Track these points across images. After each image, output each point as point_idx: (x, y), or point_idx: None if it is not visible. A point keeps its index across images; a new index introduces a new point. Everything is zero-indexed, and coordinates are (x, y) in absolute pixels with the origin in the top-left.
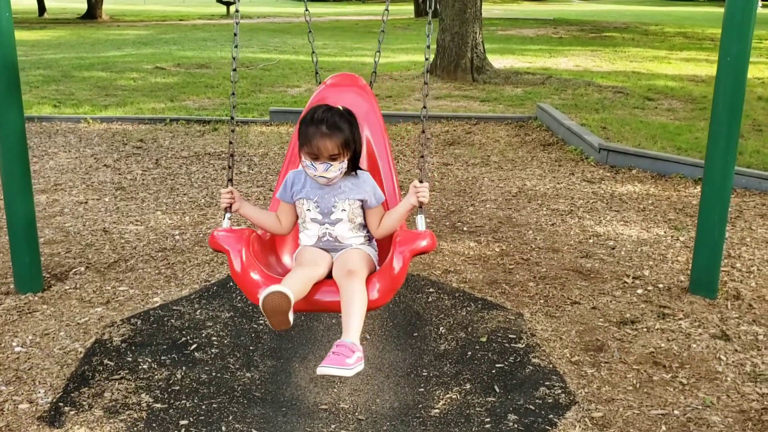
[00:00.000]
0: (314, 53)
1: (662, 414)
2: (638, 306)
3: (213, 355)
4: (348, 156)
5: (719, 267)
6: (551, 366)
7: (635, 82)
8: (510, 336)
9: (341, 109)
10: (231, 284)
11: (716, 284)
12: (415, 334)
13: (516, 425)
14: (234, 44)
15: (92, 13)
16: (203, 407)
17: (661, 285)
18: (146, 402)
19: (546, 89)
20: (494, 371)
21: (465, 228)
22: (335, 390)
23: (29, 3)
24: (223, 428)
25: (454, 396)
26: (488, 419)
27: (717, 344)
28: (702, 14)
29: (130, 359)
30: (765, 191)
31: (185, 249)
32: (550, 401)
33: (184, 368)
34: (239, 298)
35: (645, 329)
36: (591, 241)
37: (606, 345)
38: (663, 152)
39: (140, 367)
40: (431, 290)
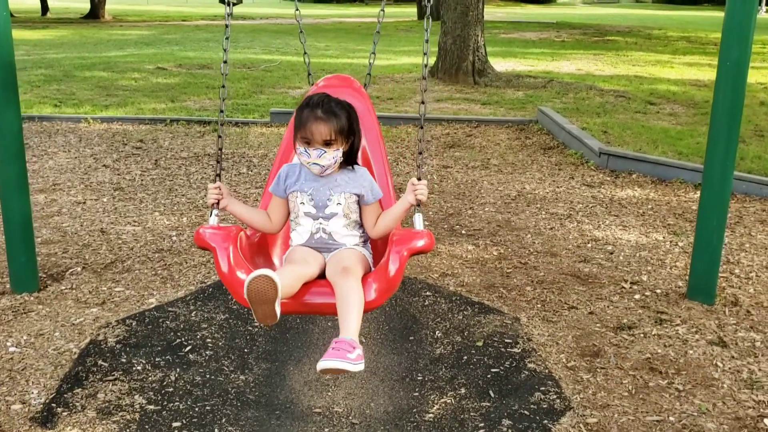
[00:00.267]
0: (306, 54)
1: (657, 420)
2: (635, 311)
3: (207, 357)
4: (343, 146)
5: (717, 273)
6: (547, 371)
7: (637, 87)
8: (506, 340)
9: (340, 99)
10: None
11: (714, 290)
12: (411, 338)
13: (510, 430)
14: (225, 36)
15: (95, 13)
16: (197, 409)
17: (659, 290)
18: (139, 403)
19: (547, 93)
20: (489, 376)
21: (463, 231)
22: (329, 394)
23: (32, 2)
24: (216, 431)
25: (449, 400)
26: (482, 424)
27: (714, 351)
28: (705, 19)
29: (125, 360)
30: (765, 197)
31: (182, 250)
32: (545, 407)
33: (179, 370)
34: (234, 300)
35: (642, 335)
36: (589, 246)
37: (602, 350)
38: (664, 157)
39: (134, 369)
40: (428, 293)
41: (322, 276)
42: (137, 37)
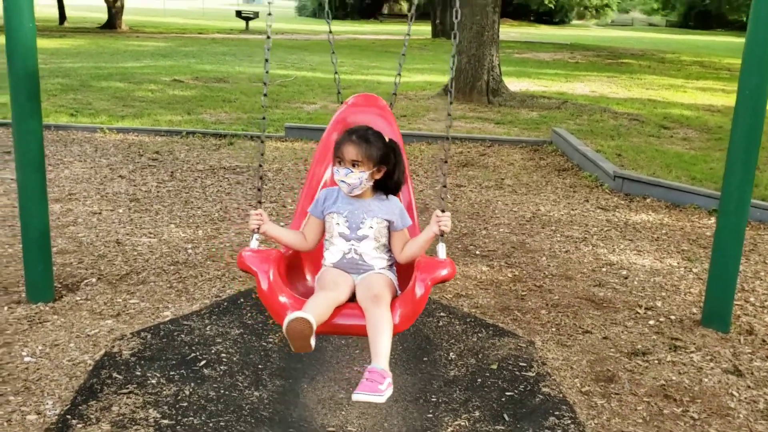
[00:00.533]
0: (336, 73)
1: None
2: (650, 337)
3: (222, 372)
4: (372, 171)
5: (732, 301)
6: (561, 395)
7: (651, 110)
8: (521, 364)
9: (380, 133)
10: (241, 300)
11: (729, 318)
12: (425, 359)
13: None
14: (265, 69)
15: (112, 24)
16: (211, 425)
17: (674, 317)
18: (154, 417)
19: (561, 114)
20: (504, 399)
21: (477, 252)
22: (343, 413)
23: (50, 11)
24: None
25: (463, 423)
26: None
27: (729, 379)
28: (719, 44)
29: (139, 373)
30: None
31: (197, 263)
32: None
33: (193, 384)
34: (249, 315)
35: (656, 361)
36: (604, 270)
37: (617, 376)
38: (678, 182)
39: (149, 382)
40: (442, 314)
41: (351, 297)
42: (154, 49)
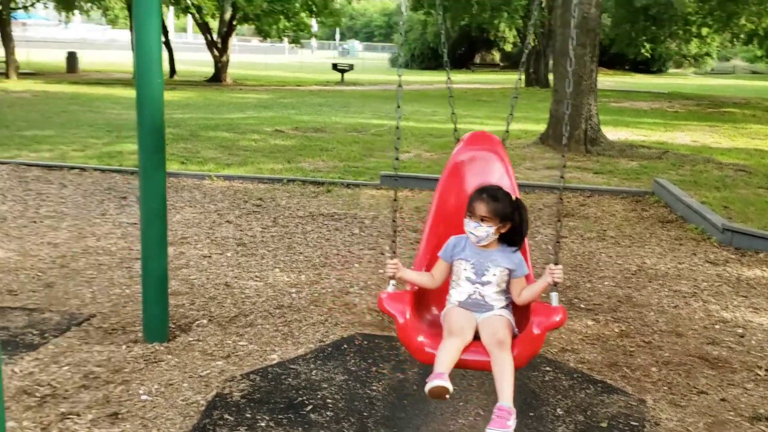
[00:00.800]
0: (453, 113)
1: None
2: None
3: (328, 418)
4: (497, 226)
5: None
6: None
7: (758, 161)
8: (632, 423)
9: (509, 194)
10: (345, 347)
11: None
12: (531, 414)
13: None
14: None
15: (218, 77)
16: None
17: None
18: None
19: (663, 164)
20: None
21: (582, 305)
22: None
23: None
24: None
25: None
26: None
27: None
28: None
29: (249, 416)
30: None
31: (301, 307)
32: None
33: (300, 429)
34: (353, 362)
35: None
36: (717, 327)
37: None
38: None
39: (258, 425)
40: (548, 369)
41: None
42: (256, 101)
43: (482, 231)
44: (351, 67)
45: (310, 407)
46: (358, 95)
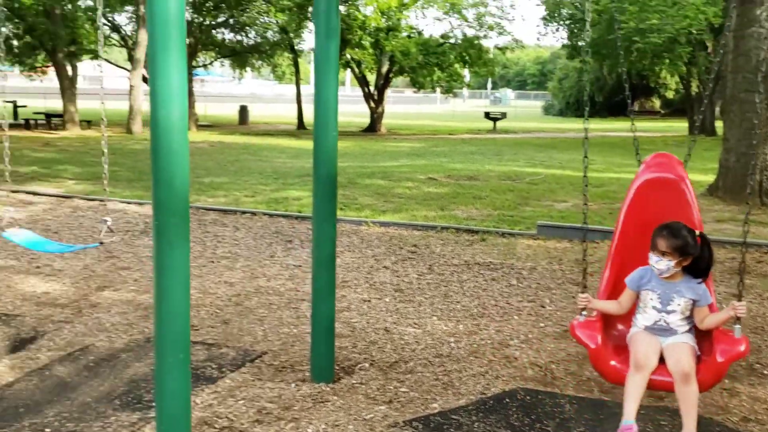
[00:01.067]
0: (635, 139)
1: None
2: None
3: None
4: (678, 260)
5: None
6: None
7: None
8: None
9: (692, 230)
10: (507, 401)
11: None
12: None
13: None
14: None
15: (373, 127)
16: None
17: None
18: None
19: None
20: None
21: (765, 371)
22: None
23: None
24: None
25: None
26: None
27: None
28: None
29: None
30: None
31: (461, 358)
32: None
33: None
34: (515, 417)
35: None
36: None
37: None
38: None
39: None
40: None
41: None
42: (409, 149)
43: (663, 265)
44: (503, 116)
45: None
46: (511, 143)
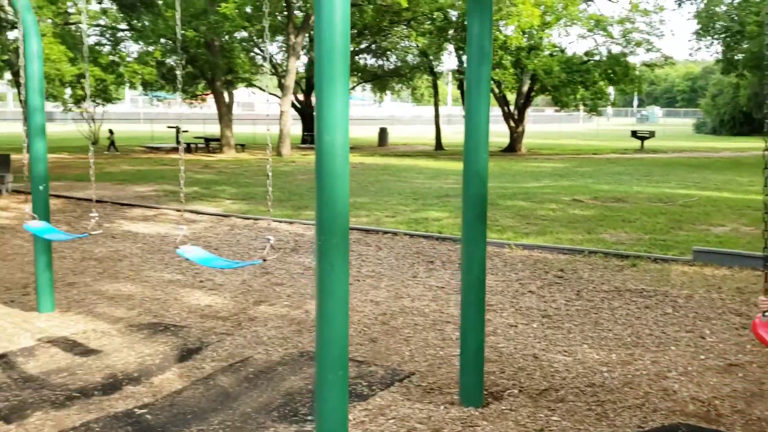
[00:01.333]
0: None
1: None
2: None
3: None
4: None
5: None
6: None
7: None
8: None
9: None
10: None
11: None
12: None
13: None
14: None
15: (513, 147)
16: None
17: None
18: None
19: None
20: None
21: None
22: None
23: (457, 138)
24: None
25: None
26: None
27: None
28: None
29: None
30: None
31: (614, 388)
32: None
33: None
34: None
35: None
36: None
37: None
38: None
39: None
40: None
41: None
42: (551, 170)
43: None
44: (652, 134)
45: None
46: (661, 163)
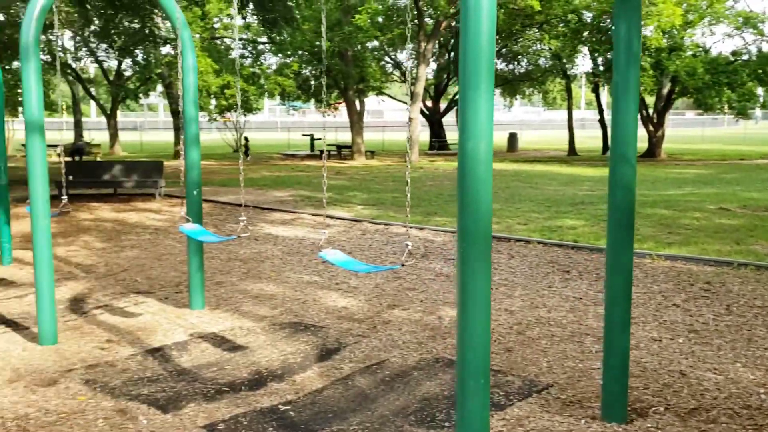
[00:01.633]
0: None
1: None
2: None
3: None
4: None
5: None
6: None
7: None
8: None
9: None
10: None
11: None
12: None
13: None
14: None
15: (652, 152)
16: None
17: None
18: None
19: None
20: None
21: None
22: None
23: (593, 143)
24: None
25: None
26: None
27: None
28: None
29: None
30: None
31: None
32: None
33: None
34: None
35: None
36: None
37: None
38: None
39: None
40: None
41: None
42: (694, 176)
43: None
44: None
45: None
46: None
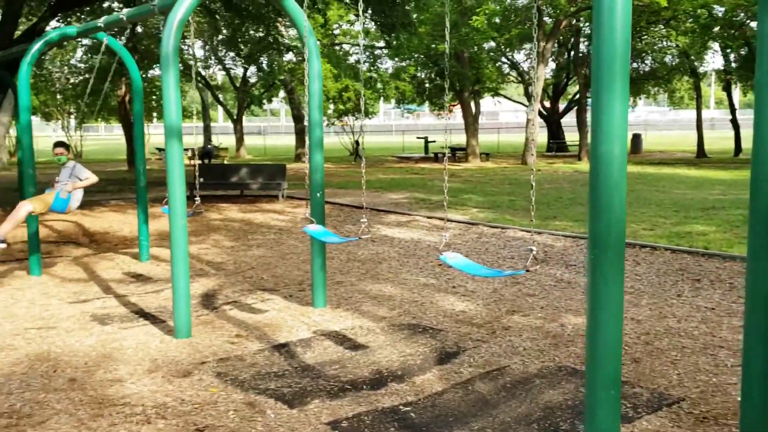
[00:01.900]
0: None
1: None
2: None
3: None
4: None
5: None
6: None
7: None
8: None
9: None
10: None
11: None
12: None
13: None
14: None
15: None
16: None
17: None
18: None
19: None
20: None
21: None
22: None
23: (725, 144)
24: None
25: None
26: None
27: None
28: None
29: None
30: None
31: None
32: None
33: None
34: None
35: None
36: None
37: None
38: None
39: None
40: None
41: None
42: None
43: None
44: None
45: None
46: None
